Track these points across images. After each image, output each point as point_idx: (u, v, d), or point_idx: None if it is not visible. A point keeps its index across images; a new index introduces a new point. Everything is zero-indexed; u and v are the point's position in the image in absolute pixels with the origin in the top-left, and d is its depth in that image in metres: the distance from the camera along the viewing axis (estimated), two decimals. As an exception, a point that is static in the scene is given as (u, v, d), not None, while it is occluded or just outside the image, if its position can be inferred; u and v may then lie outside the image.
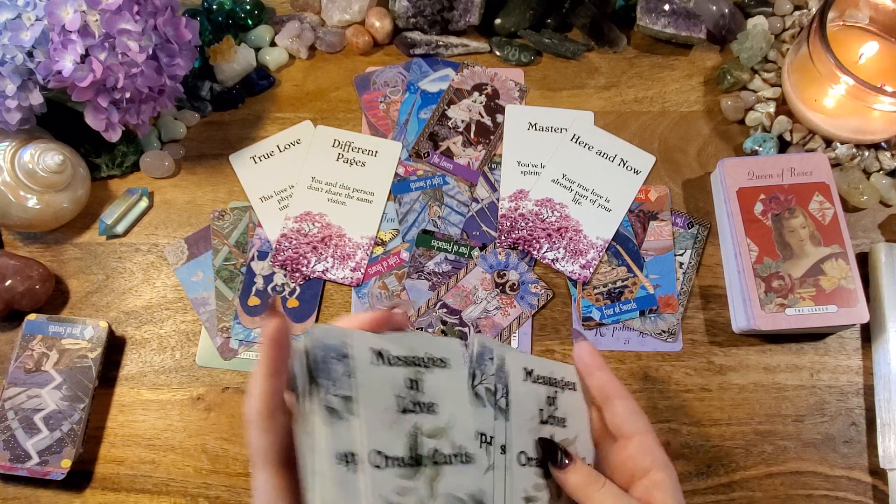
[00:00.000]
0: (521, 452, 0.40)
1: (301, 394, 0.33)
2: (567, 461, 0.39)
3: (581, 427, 0.43)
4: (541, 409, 0.41)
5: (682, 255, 0.63)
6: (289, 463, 0.32)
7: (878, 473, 0.57)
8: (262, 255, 0.64)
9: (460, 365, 0.40)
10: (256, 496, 0.32)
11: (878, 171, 0.65)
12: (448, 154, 0.67)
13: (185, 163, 0.69)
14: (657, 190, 0.65)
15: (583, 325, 0.61)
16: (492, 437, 0.39)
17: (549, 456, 0.40)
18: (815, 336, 0.61)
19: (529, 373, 0.41)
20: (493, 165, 0.67)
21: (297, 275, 0.63)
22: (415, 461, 0.35)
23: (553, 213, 0.64)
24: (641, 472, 0.40)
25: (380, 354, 0.36)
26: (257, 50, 0.72)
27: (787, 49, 0.68)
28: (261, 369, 0.32)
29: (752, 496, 0.57)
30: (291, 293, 0.63)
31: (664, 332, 0.61)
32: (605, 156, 0.66)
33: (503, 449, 0.39)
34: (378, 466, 0.33)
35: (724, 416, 0.59)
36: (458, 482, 0.36)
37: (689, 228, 0.64)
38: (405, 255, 0.64)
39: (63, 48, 0.55)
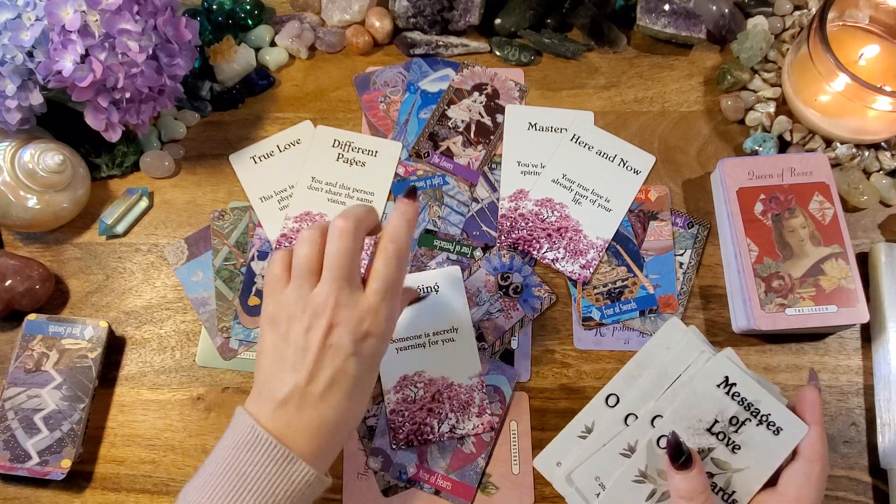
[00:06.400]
0: (663, 436, 0.42)
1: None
2: (687, 466, 0.39)
3: (755, 466, 0.41)
4: (716, 420, 0.41)
5: (682, 255, 0.63)
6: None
7: (878, 473, 0.57)
8: (262, 255, 0.64)
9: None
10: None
11: (878, 171, 0.65)
12: (448, 154, 0.67)
13: (185, 163, 0.69)
14: (657, 190, 0.65)
15: (583, 324, 0.61)
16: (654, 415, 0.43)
17: (673, 452, 0.40)
18: (815, 336, 0.61)
19: (731, 385, 0.42)
20: (493, 165, 0.67)
21: (297, 275, 0.63)
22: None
23: (553, 213, 0.64)
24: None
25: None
26: (257, 50, 0.72)
27: (787, 49, 0.68)
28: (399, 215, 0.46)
29: (752, 496, 0.57)
30: (291, 293, 0.63)
31: (664, 332, 0.61)
32: (605, 156, 0.66)
33: (652, 422, 0.43)
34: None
35: (724, 416, 0.59)
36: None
37: (689, 228, 0.64)
38: (405, 255, 0.64)
39: (63, 48, 0.55)
